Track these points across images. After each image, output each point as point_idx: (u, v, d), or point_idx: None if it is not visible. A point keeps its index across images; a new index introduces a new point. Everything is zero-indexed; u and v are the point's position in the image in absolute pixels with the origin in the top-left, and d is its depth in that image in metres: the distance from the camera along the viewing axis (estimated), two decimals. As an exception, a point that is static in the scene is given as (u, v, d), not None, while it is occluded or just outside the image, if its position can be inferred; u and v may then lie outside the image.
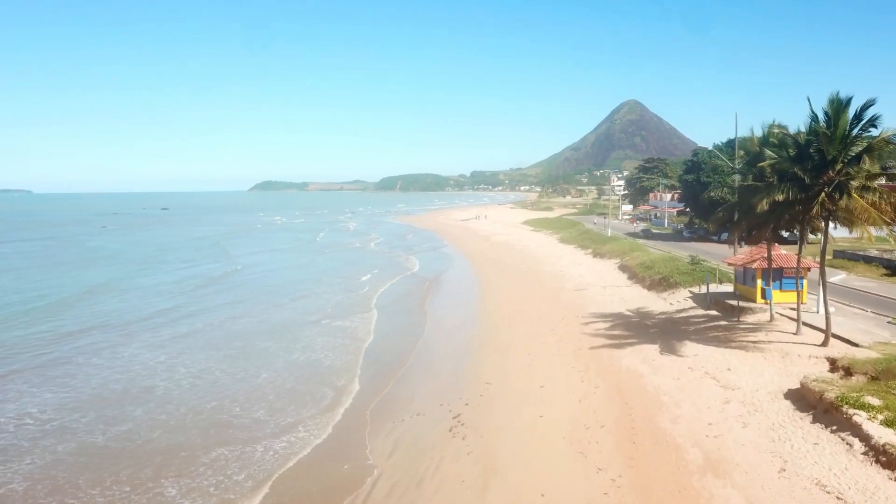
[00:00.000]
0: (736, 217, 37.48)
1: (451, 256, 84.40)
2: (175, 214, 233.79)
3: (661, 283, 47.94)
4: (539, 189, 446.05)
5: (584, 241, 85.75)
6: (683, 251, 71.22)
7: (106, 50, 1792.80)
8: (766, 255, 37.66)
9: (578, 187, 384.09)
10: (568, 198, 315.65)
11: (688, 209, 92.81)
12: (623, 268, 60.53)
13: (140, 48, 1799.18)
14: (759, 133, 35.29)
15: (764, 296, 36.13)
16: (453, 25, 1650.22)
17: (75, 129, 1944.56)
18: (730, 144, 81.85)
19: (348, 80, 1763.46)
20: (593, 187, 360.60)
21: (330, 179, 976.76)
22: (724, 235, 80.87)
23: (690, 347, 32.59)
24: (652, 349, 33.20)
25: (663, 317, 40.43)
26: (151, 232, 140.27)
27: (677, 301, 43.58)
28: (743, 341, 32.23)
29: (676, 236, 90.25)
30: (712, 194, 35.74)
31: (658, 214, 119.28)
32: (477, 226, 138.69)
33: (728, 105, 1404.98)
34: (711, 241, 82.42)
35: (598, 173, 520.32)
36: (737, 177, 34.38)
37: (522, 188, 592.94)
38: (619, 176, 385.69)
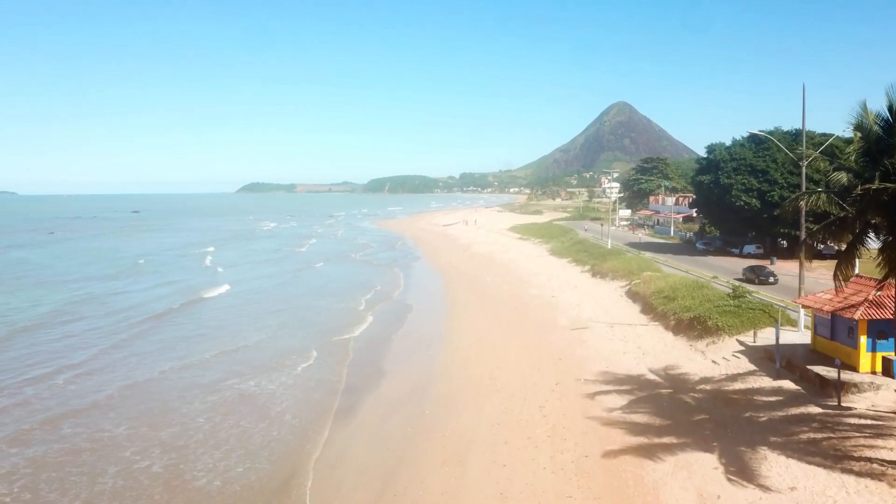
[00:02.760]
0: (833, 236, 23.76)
1: (420, 274, 70.70)
2: (145, 218, 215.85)
3: (694, 326, 34.35)
4: (528, 191, 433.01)
5: (580, 254, 72.20)
6: (700, 268, 58.00)
7: (93, 50, 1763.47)
8: (869, 295, 24.26)
9: (568, 189, 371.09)
10: (558, 200, 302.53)
11: (699, 215, 79.72)
12: (633, 295, 47.01)
13: (128, 50, 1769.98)
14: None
15: (890, 370, 22.61)
16: (441, 26, 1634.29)
17: (64, 131, 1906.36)
18: (753, 139, 68.82)
19: (336, 81, 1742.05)
20: (583, 189, 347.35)
21: (318, 181, 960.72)
22: (749, 249, 67.79)
23: (777, 466, 19.07)
24: (708, 465, 19.71)
25: (709, 388, 26.88)
26: (105, 241, 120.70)
27: (722, 357, 30.00)
28: (871, 459, 18.72)
29: (687, 248, 76.91)
30: (801, 203, 22.09)
31: (661, 221, 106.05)
32: (458, 232, 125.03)
33: (717, 108, 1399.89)
34: (731, 254, 69.19)
35: (588, 175, 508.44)
36: (842, 176, 20.54)
37: (512, 190, 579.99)
38: (610, 178, 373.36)
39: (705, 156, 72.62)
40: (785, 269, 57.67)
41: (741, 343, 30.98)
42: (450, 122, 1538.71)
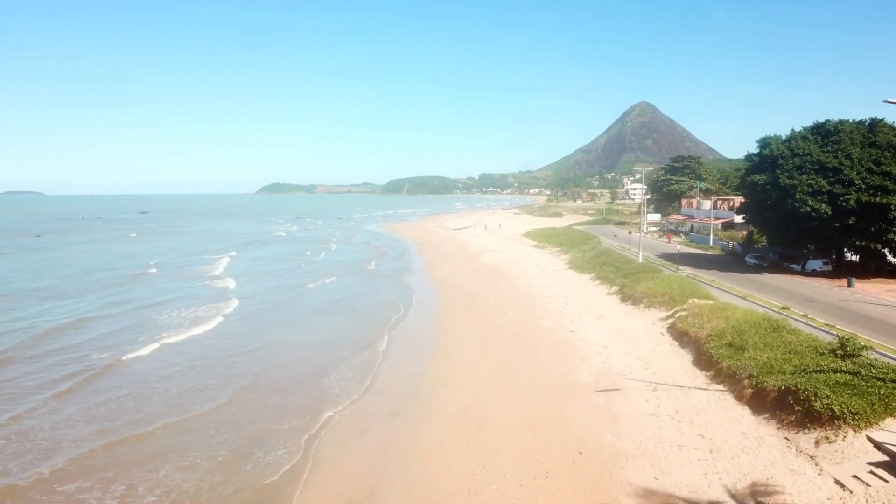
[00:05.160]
0: None
1: (415, 292, 59.08)
2: (150, 220, 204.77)
3: (788, 404, 22.37)
4: (549, 192, 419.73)
5: (605, 268, 60.24)
6: (759, 291, 45.84)
7: (117, 56, 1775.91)
8: None
9: (590, 190, 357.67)
10: (579, 202, 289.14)
11: (747, 222, 67.35)
12: (679, 335, 35.04)
13: (151, 54, 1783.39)
14: None
15: None
16: (461, 26, 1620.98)
17: (91, 133, 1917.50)
18: (818, 130, 56.56)
19: (355, 82, 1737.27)
20: (605, 190, 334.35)
21: (338, 182, 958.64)
22: (814, 265, 55.54)
23: None
24: None
25: (848, 552, 15.09)
26: (91, 248, 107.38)
27: (852, 476, 18.04)
28: None
29: (734, 262, 64.62)
30: None
31: (696, 227, 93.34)
32: (468, 237, 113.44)
33: (742, 107, 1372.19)
34: (791, 271, 56.78)
35: (610, 176, 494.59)
36: None
37: (532, 191, 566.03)
38: (633, 179, 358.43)
39: (756, 151, 60.19)
40: (870, 293, 45.37)
41: (877, 444, 19.02)
42: (469, 122, 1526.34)
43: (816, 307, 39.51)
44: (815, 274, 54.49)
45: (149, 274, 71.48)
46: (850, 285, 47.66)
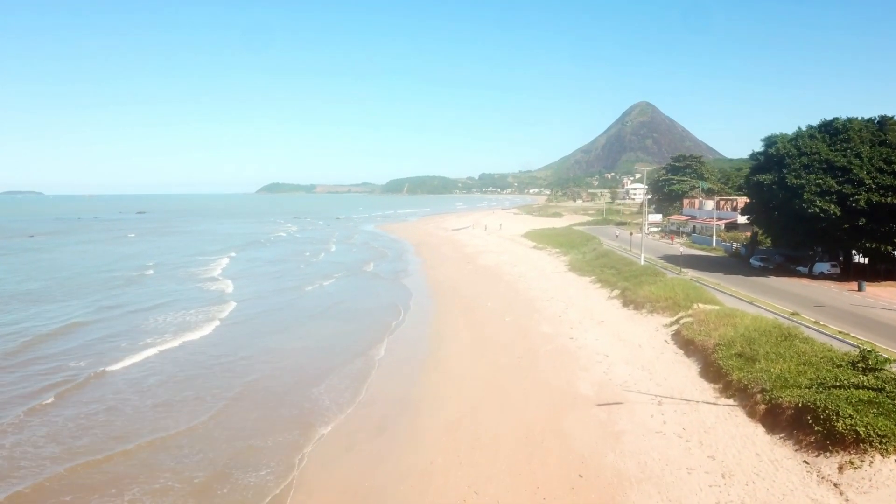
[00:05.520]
0: None
1: (410, 295, 57.40)
2: (146, 221, 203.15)
3: (806, 423, 20.69)
4: (548, 192, 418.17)
5: (605, 271, 58.56)
6: (765, 295, 44.20)
7: (116, 56, 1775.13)
8: None
9: (590, 190, 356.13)
10: (579, 202, 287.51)
11: (752, 223, 65.63)
12: (684, 342, 33.37)
13: (151, 54, 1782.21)
14: None
15: None
16: (461, 26, 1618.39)
17: (93, 134, 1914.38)
18: (826, 128, 54.93)
19: (355, 82, 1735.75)
20: (605, 190, 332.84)
21: (338, 182, 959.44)
22: (822, 267, 53.90)
23: None
24: None
25: None
26: (82, 249, 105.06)
27: (873, 502, 16.42)
28: None
29: (738, 264, 62.97)
30: None
31: (698, 228, 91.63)
32: (467, 238, 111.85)
33: (742, 107, 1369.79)
34: (798, 274, 55.13)
35: (610, 176, 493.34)
36: None
37: (531, 191, 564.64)
38: (633, 178, 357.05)
39: (761, 149, 58.54)
40: (882, 298, 43.71)
41: (909, 474, 17.35)
42: (469, 122, 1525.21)
43: (827, 313, 37.90)
44: (822, 277, 52.87)
45: (146, 276, 69.82)
46: (860, 289, 46.03)
